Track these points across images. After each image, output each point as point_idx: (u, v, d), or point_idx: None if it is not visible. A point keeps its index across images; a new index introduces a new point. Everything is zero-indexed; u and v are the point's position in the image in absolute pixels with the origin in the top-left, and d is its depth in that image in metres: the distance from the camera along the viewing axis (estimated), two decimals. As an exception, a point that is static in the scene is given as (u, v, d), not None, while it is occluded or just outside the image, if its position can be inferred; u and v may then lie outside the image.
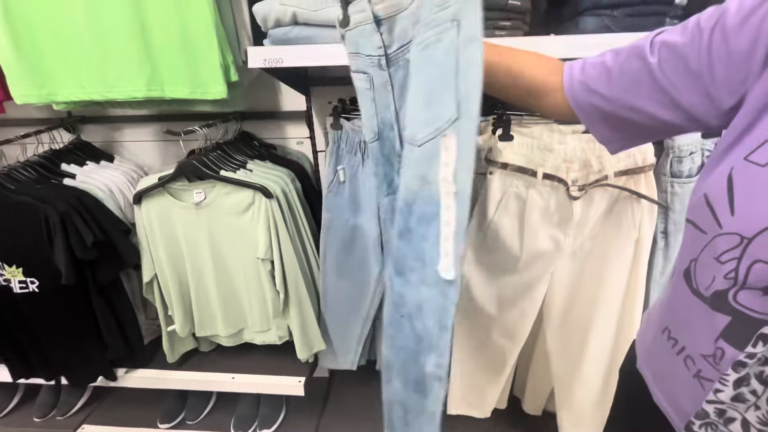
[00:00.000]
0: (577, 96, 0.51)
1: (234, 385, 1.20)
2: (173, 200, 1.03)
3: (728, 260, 0.38)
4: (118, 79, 0.87)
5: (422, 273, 0.43)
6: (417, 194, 0.44)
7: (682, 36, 0.42)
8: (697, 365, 0.42)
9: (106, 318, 1.11)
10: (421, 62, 0.47)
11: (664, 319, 0.48)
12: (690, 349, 0.43)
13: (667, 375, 0.47)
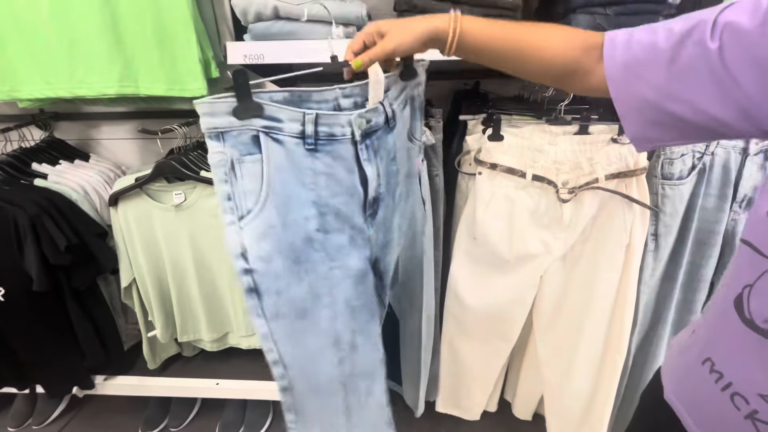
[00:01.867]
0: (618, 81, 0.43)
1: (219, 392, 1.17)
2: (152, 202, 0.99)
3: None
4: (87, 75, 0.82)
5: None
6: None
7: (752, 18, 0.35)
8: (752, 405, 0.37)
9: (83, 325, 1.07)
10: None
11: (706, 349, 0.43)
12: (740, 386, 0.39)
13: (707, 410, 0.43)
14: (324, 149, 0.52)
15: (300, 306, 0.55)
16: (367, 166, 0.55)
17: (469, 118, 0.97)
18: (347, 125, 0.52)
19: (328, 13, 0.74)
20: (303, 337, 0.57)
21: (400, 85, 0.60)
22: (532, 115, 0.93)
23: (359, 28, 0.78)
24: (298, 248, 0.53)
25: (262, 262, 0.51)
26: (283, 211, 0.51)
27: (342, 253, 0.56)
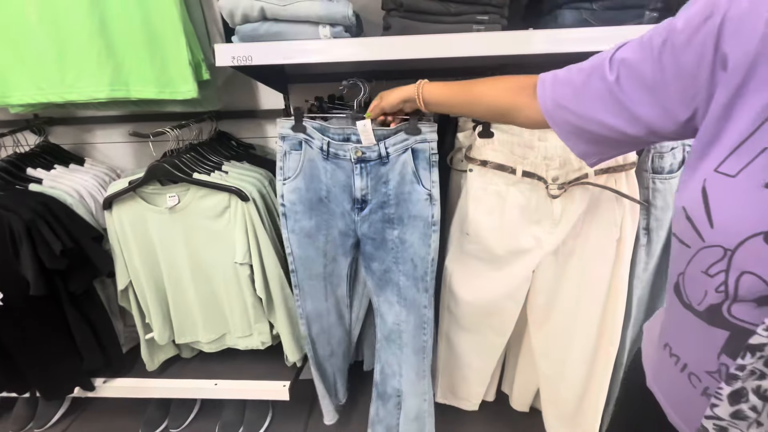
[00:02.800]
0: (551, 111, 0.53)
1: (217, 392, 1.17)
2: (146, 204, 0.99)
3: (716, 273, 0.36)
4: (78, 79, 0.82)
5: None
6: None
7: (639, 52, 0.43)
8: (703, 382, 0.40)
9: (81, 328, 1.07)
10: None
11: (663, 335, 0.47)
12: (693, 366, 0.42)
13: (675, 393, 0.46)
14: (332, 160, 0.88)
15: (307, 231, 0.94)
16: (357, 179, 0.88)
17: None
18: (349, 151, 0.86)
19: (314, 13, 0.74)
20: (306, 247, 0.96)
21: (401, 136, 0.84)
22: (523, 112, 0.93)
23: (347, 29, 0.78)
24: (312, 203, 0.92)
25: (290, 203, 0.91)
26: (307, 181, 0.90)
27: (335, 216, 0.93)
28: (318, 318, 1.07)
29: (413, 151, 0.83)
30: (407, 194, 0.87)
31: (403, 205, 0.88)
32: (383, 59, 0.75)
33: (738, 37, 0.35)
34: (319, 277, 1.02)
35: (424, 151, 0.84)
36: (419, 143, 0.83)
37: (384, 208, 0.90)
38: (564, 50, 0.72)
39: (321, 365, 1.14)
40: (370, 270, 0.98)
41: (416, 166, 0.84)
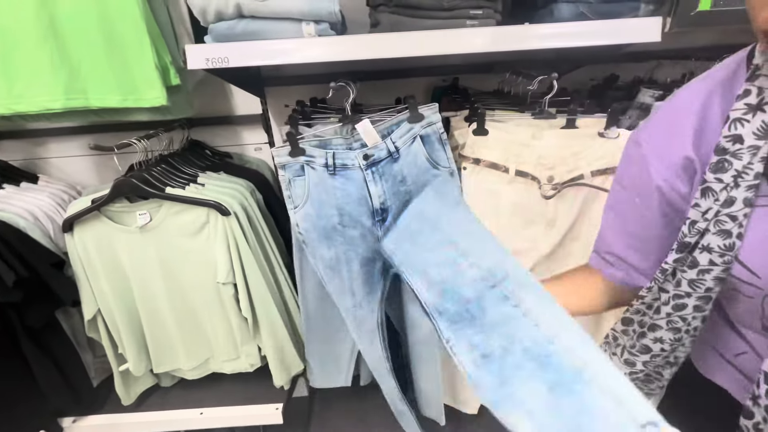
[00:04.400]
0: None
1: (203, 421, 1.08)
2: (113, 224, 0.90)
3: None
4: (27, 89, 0.72)
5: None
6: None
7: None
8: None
9: (43, 365, 0.96)
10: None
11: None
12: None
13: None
14: (340, 173, 0.82)
15: (328, 263, 0.88)
16: (371, 186, 0.81)
17: (451, 114, 0.93)
18: (356, 158, 0.80)
19: (297, 9, 0.68)
20: (331, 279, 0.89)
21: (405, 127, 0.79)
22: (515, 109, 0.91)
23: (332, 26, 0.72)
24: (328, 231, 0.85)
25: (305, 231, 0.86)
26: (317, 208, 0.84)
27: (354, 243, 0.85)
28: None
29: (422, 138, 0.79)
30: (427, 183, 0.82)
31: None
32: (373, 58, 0.70)
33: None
34: (350, 314, 0.93)
35: (433, 134, 0.80)
36: (426, 128, 0.79)
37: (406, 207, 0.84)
38: (561, 45, 0.70)
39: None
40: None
41: (428, 152, 0.80)
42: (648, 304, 0.51)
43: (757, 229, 0.42)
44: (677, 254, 0.46)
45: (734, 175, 0.41)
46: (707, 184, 0.43)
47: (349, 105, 0.82)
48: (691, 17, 0.70)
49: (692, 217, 0.45)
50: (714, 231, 0.43)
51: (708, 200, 0.43)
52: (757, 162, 0.40)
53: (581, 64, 1.01)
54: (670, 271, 0.47)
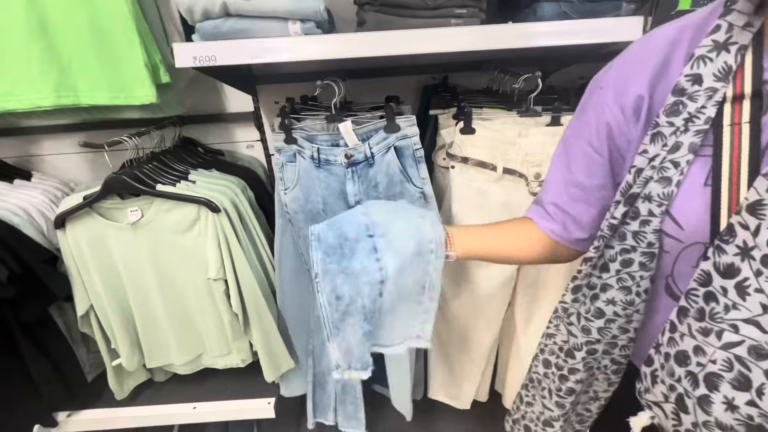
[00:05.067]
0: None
1: (196, 416, 1.10)
2: (105, 221, 0.91)
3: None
4: (16, 86, 0.73)
5: None
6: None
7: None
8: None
9: (37, 360, 0.97)
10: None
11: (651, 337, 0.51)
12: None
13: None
14: (324, 167, 0.85)
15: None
16: (349, 184, 0.84)
17: (440, 112, 0.94)
18: (339, 155, 0.82)
19: (282, 8, 0.68)
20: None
21: (381, 135, 0.80)
22: (503, 107, 0.91)
23: (318, 24, 0.73)
24: (314, 214, 0.90)
25: (293, 212, 0.92)
26: (306, 192, 0.89)
27: None
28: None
29: (396, 149, 0.80)
30: (399, 195, 0.84)
31: None
32: (359, 56, 0.71)
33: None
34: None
35: (407, 148, 0.80)
36: (400, 140, 0.80)
37: None
38: (543, 44, 0.71)
39: (320, 376, 1.10)
40: None
41: (403, 165, 0.81)
42: (595, 264, 0.50)
43: (692, 178, 0.41)
44: (624, 207, 0.45)
45: (686, 119, 0.39)
46: (659, 128, 0.41)
47: (335, 103, 0.83)
48: (671, 16, 0.71)
49: (638, 165, 0.43)
50: (656, 178, 0.42)
51: (656, 146, 0.42)
52: (711, 106, 0.39)
53: (569, 62, 1.02)
54: (617, 224, 0.46)
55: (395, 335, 0.56)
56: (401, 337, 0.57)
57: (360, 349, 0.53)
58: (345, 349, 0.53)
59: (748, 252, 0.34)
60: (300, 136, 0.85)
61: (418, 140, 0.80)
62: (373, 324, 0.53)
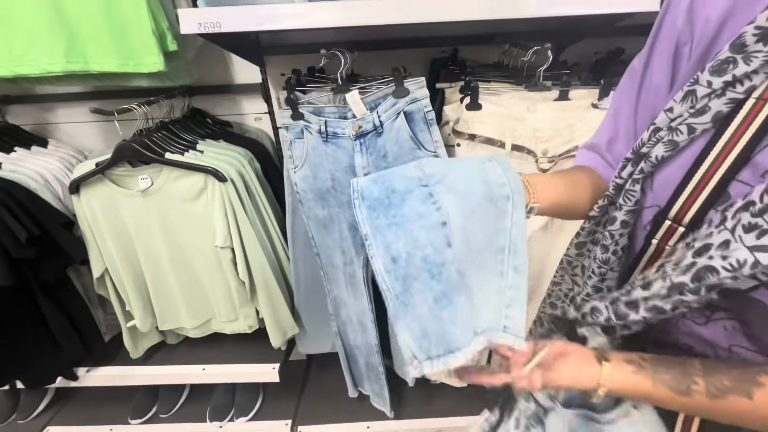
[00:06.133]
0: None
1: (205, 377, 1.16)
2: (116, 188, 0.94)
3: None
4: (27, 51, 0.74)
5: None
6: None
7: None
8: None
9: (57, 318, 1.03)
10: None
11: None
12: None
13: None
14: (331, 141, 0.84)
15: (321, 221, 0.94)
16: (357, 157, 0.83)
17: (446, 86, 0.93)
18: (346, 128, 0.82)
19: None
20: (323, 236, 0.96)
21: (390, 101, 0.78)
22: (512, 82, 0.89)
23: (325, -11, 0.71)
24: (322, 192, 0.90)
25: (302, 191, 0.92)
26: (314, 170, 0.88)
27: (343, 207, 0.90)
28: (344, 306, 1.05)
29: (406, 114, 0.78)
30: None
31: None
32: (370, 24, 0.69)
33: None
34: (339, 272, 1.00)
35: (417, 112, 0.78)
36: (410, 104, 0.77)
37: None
38: (559, 13, 0.68)
39: (350, 351, 1.14)
40: None
41: (413, 130, 0.79)
42: (598, 221, 0.50)
43: (692, 150, 0.39)
44: (632, 167, 0.44)
45: (728, 82, 0.35)
46: (695, 86, 0.37)
47: (342, 74, 0.82)
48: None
49: (658, 123, 0.41)
50: (666, 140, 0.40)
51: (684, 105, 0.38)
52: (764, 73, 0.33)
53: (583, 36, 0.98)
54: (622, 183, 0.45)
55: (468, 321, 0.39)
56: (479, 324, 0.39)
57: (436, 325, 0.38)
58: (418, 331, 0.39)
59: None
60: (307, 111, 0.84)
61: (428, 102, 0.77)
62: (444, 282, 0.39)
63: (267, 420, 1.28)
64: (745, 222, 0.32)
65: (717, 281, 0.33)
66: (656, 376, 0.40)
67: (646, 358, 0.42)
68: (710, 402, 0.37)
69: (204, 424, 1.26)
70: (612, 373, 0.41)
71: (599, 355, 0.43)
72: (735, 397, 0.36)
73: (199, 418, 1.27)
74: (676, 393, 0.39)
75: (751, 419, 0.37)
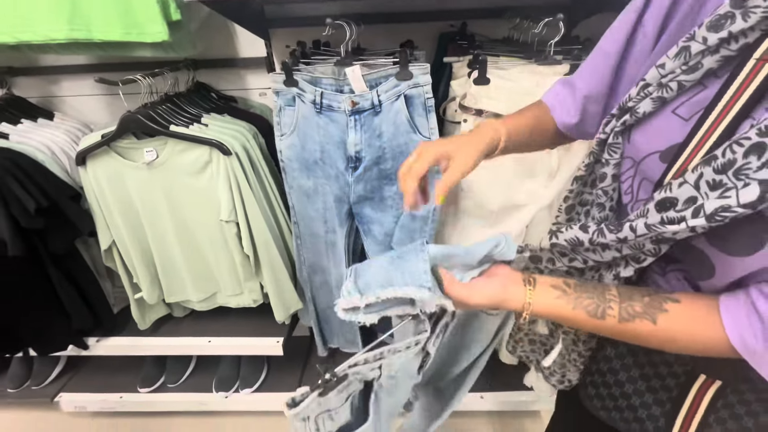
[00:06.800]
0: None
1: (211, 349, 1.19)
2: (122, 160, 0.94)
3: (626, 179, 0.45)
4: (31, 18, 0.74)
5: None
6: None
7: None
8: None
9: (66, 289, 1.05)
10: None
11: None
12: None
13: None
14: (325, 113, 0.83)
15: (305, 191, 0.96)
16: (350, 132, 0.83)
17: (454, 60, 0.91)
18: (342, 102, 0.80)
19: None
20: (305, 206, 0.98)
21: (392, 82, 0.78)
22: (522, 56, 0.87)
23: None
24: (309, 163, 0.91)
25: (287, 159, 0.93)
26: (302, 139, 0.88)
27: (330, 180, 0.91)
28: (321, 271, 1.08)
29: (406, 97, 0.78)
30: (404, 146, 0.83)
31: (400, 158, 0.84)
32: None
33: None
34: (320, 240, 1.02)
35: (418, 97, 0.78)
36: (412, 88, 0.78)
37: (379, 164, 0.86)
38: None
39: (322, 312, 1.16)
40: (371, 235, 0.96)
41: (411, 114, 0.80)
42: (585, 181, 0.50)
43: (673, 105, 0.39)
44: (616, 121, 0.44)
45: (723, 38, 0.35)
46: (691, 42, 0.37)
47: (345, 46, 0.80)
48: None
49: (648, 79, 0.40)
50: (654, 95, 0.40)
51: (677, 61, 0.38)
52: (760, 30, 0.33)
53: (596, 11, 0.95)
54: (605, 138, 0.45)
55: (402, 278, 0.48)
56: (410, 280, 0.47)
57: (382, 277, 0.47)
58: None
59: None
60: (302, 79, 0.83)
61: (429, 89, 0.78)
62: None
63: (271, 392, 1.31)
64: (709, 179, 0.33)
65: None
66: (577, 301, 0.43)
67: (570, 284, 0.44)
68: (620, 325, 0.41)
69: (210, 394, 1.30)
70: (536, 295, 0.44)
71: (526, 278, 0.46)
72: (641, 321, 0.40)
73: (206, 388, 1.31)
74: (591, 317, 0.42)
75: (652, 341, 0.41)
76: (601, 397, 0.56)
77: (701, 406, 0.47)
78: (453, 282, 0.46)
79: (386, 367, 0.53)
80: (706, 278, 0.40)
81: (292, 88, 0.84)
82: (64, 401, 1.30)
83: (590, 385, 0.57)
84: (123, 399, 1.30)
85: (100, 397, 1.30)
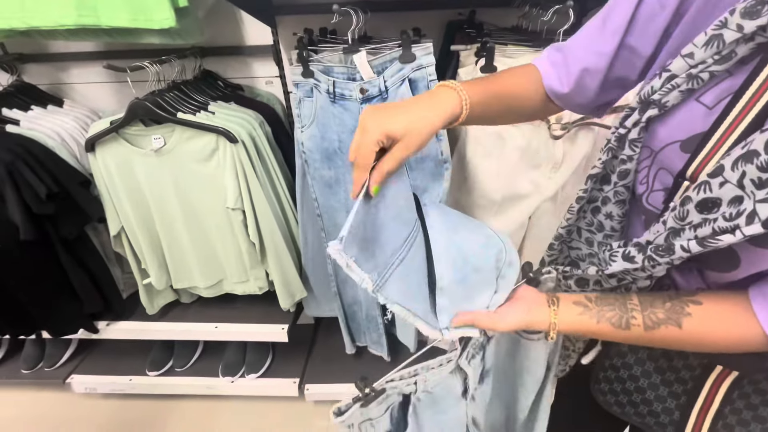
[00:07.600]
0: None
1: (217, 334, 1.21)
2: (130, 147, 0.95)
3: (643, 168, 0.44)
4: (40, 4, 0.74)
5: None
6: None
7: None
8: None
9: (77, 273, 1.08)
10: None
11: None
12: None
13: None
14: (339, 102, 0.84)
15: (327, 181, 0.95)
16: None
17: (462, 48, 0.90)
18: (354, 90, 0.81)
19: None
20: (328, 197, 0.98)
21: (396, 66, 0.78)
22: (530, 45, 0.86)
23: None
24: (329, 152, 0.90)
25: (308, 151, 0.92)
26: (322, 130, 0.88)
27: (349, 169, 0.88)
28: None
29: (410, 81, 0.77)
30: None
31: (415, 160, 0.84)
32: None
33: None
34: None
35: (422, 80, 0.78)
36: (415, 71, 0.77)
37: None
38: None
39: (349, 308, 1.17)
40: None
41: None
42: (600, 177, 0.48)
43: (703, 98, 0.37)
44: (638, 115, 0.41)
45: (762, 26, 0.32)
46: (722, 29, 0.34)
47: (353, 34, 0.80)
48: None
49: (674, 70, 0.38)
50: (683, 88, 0.37)
51: (708, 50, 0.35)
52: None
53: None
54: (625, 134, 0.43)
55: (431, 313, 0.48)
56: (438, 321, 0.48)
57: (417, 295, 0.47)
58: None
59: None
60: (317, 69, 0.83)
61: (433, 70, 0.77)
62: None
63: (276, 378, 1.34)
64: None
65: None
66: (600, 314, 0.44)
67: (592, 298, 0.45)
68: (647, 334, 0.42)
69: (216, 378, 1.33)
70: (561, 315, 0.45)
71: (550, 298, 0.46)
72: (667, 327, 0.40)
73: (212, 373, 1.34)
74: (617, 328, 0.43)
75: (685, 345, 0.42)
76: (615, 392, 0.56)
77: (717, 398, 0.47)
78: (478, 315, 0.47)
79: (421, 383, 0.56)
80: (727, 270, 0.38)
81: (310, 79, 0.84)
82: (76, 383, 1.33)
83: (603, 380, 0.57)
84: (132, 381, 1.33)
85: (110, 380, 1.34)
